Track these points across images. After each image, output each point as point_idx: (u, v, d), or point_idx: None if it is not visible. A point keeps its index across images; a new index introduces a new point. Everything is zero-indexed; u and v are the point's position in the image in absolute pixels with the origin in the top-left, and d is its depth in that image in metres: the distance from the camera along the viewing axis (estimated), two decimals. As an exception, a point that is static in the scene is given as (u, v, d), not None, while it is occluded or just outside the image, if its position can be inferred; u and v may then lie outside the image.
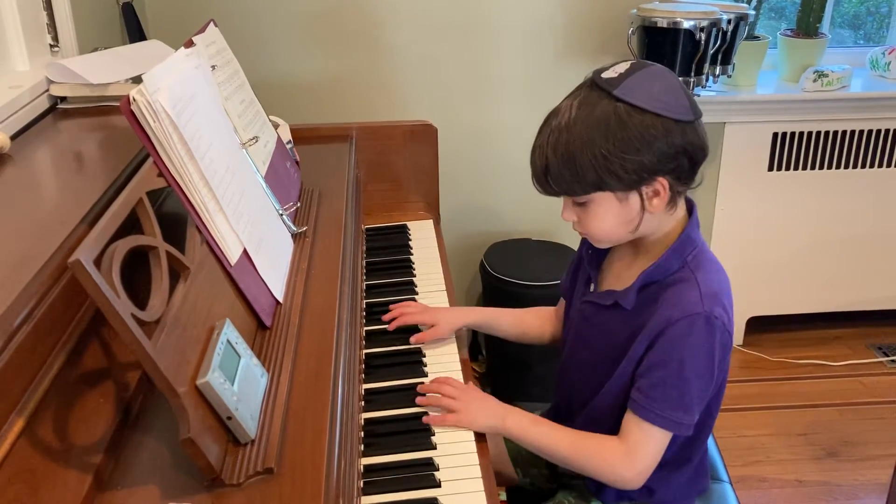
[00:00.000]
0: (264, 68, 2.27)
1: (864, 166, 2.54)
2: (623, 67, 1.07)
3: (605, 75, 1.06)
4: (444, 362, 1.35)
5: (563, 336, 1.32)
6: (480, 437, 1.18)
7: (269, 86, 2.19)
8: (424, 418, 1.19)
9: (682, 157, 1.05)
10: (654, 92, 1.04)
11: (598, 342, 1.19)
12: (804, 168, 2.53)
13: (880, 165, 2.54)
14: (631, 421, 1.12)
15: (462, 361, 1.36)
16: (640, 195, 1.07)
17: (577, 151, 1.04)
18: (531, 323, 1.43)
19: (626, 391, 1.14)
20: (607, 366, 1.16)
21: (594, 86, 1.06)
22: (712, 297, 1.07)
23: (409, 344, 1.37)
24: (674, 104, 1.04)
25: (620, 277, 1.18)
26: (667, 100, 1.04)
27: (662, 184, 1.06)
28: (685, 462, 1.23)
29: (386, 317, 1.41)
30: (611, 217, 1.09)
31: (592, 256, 1.24)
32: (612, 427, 1.16)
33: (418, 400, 1.23)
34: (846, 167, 2.53)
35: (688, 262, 1.11)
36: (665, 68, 1.09)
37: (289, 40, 2.30)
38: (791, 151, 2.50)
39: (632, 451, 1.12)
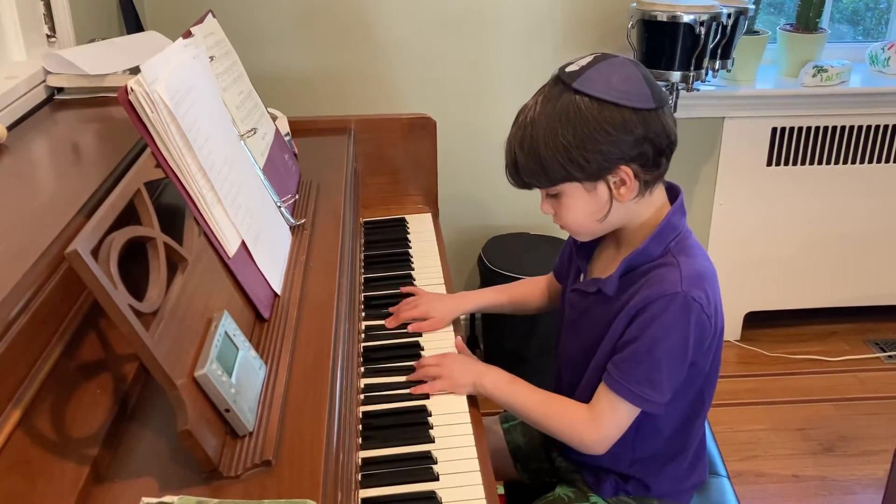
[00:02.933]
0: (262, 61, 2.26)
1: (862, 162, 2.54)
2: (585, 60, 1.09)
3: (567, 69, 1.10)
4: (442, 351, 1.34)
5: (556, 325, 1.34)
6: (479, 430, 1.18)
7: (267, 78, 2.18)
8: (412, 388, 1.24)
9: (644, 145, 1.07)
10: (613, 82, 1.06)
11: (585, 327, 1.22)
12: (803, 163, 2.52)
13: (879, 161, 2.54)
14: (601, 390, 1.15)
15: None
16: (607, 184, 1.09)
17: (541, 145, 1.07)
18: (526, 296, 1.48)
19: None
20: (593, 349, 1.19)
21: (557, 80, 1.10)
22: (693, 280, 1.09)
23: (407, 338, 1.37)
24: (633, 93, 1.06)
25: (607, 267, 1.20)
26: (626, 89, 1.05)
27: (627, 172, 1.08)
28: (679, 452, 1.24)
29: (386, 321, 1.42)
30: (582, 207, 1.12)
31: (581, 249, 1.26)
32: None
33: (409, 379, 1.26)
34: (845, 163, 2.53)
35: (670, 249, 1.13)
36: (628, 59, 1.11)
37: (287, 33, 2.29)
38: (790, 147, 2.50)
39: (597, 419, 1.15)
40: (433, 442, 1.15)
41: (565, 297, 1.30)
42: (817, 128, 2.48)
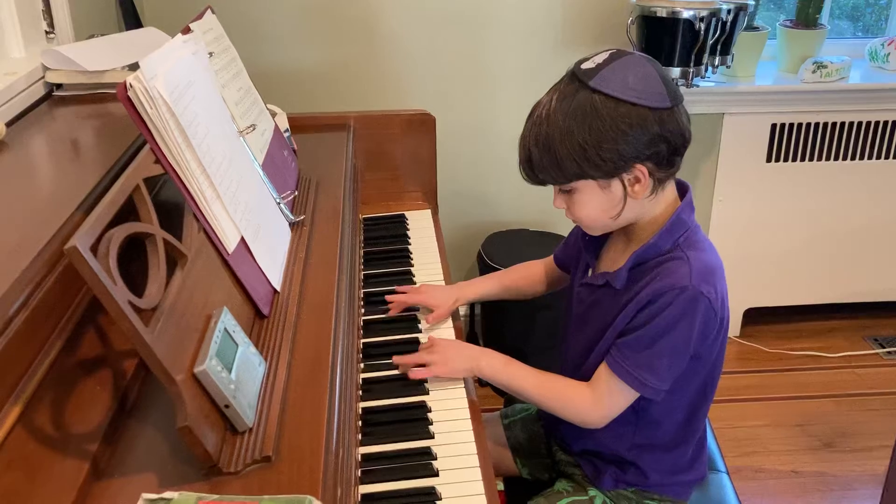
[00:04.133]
0: (261, 57, 2.25)
1: (862, 158, 2.53)
2: (601, 58, 1.09)
3: (583, 66, 1.09)
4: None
5: (562, 321, 1.34)
6: (478, 426, 1.18)
7: (266, 75, 2.17)
8: (410, 373, 1.24)
9: (659, 143, 1.07)
10: (630, 81, 1.06)
11: (593, 320, 1.23)
12: (802, 159, 2.52)
13: (878, 157, 2.54)
14: (602, 371, 1.17)
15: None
16: (622, 182, 1.10)
17: (557, 143, 1.07)
18: (523, 281, 1.50)
19: None
20: (599, 339, 1.20)
21: (573, 77, 1.09)
22: (702, 274, 1.10)
23: (407, 333, 1.37)
24: (650, 92, 1.06)
25: (616, 261, 1.21)
26: (642, 88, 1.06)
27: (642, 171, 1.08)
28: (680, 444, 1.25)
29: (388, 306, 1.43)
30: (595, 203, 1.12)
31: (589, 244, 1.27)
32: None
33: (395, 360, 1.27)
34: (845, 159, 2.53)
35: (680, 244, 1.13)
36: (644, 56, 1.11)
37: (286, 29, 2.29)
38: (789, 143, 2.50)
39: (598, 400, 1.17)
40: (433, 438, 1.15)
41: (573, 292, 1.30)
42: (817, 124, 2.48)
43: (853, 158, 2.53)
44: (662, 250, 1.14)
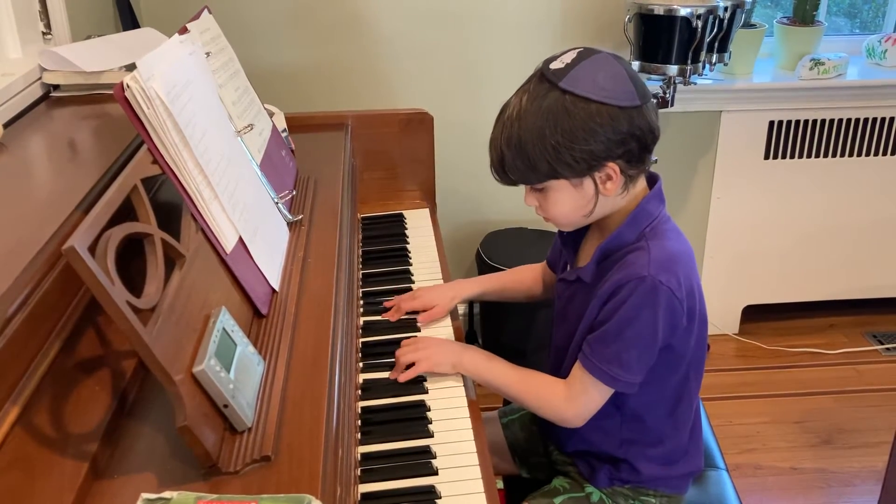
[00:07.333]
0: (258, 57, 2.25)
1: (860, 154, 2.54)
2: (570, 57, 1.10)
3: (552, 66, 1.10)
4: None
5: (551, 317, 1.35)
6: (478, 424, 1.18)
7: (263, 75, 2.17)
8: (399, 378, 1.24)
9: (630, 142, 1.09)
10: (599, 81, 1.07)
11: (570, 315, 1.24)
12: (800, 156, 2.53)
13: (876, 153, 2.54)
14: (576, 368, 1.18)
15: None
16: (594, 180, 1.11)
17: (529, 144, 1.09)
18: (521, 282, 1.50)
19: None
20: (575, 335, 1.21)
21: (542, 77, 1.10)
22: (661, 264, 1.10)
23: (405, 333, 1.37)
24: (619, 91, 1.07)
25: (589, 256, 1.22)
26: (612, 87, 1.07)
27: (613, 169, 1.10)
28: (669, 437, 1.24)
29: (387, 314, 1.42)
30: (568, 201, 1.14)
31: (568, 240, 1.28)
32: None
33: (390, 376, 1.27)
34: (842, 155, 2.53)
35: (645, 234, 1.14)
36: (612, 55, 1.12)
37: (282, 29, 2.28)
38: (787, 140, 2.50)
39: (572, 397, 1.18)
40: (432, 437, 1.15)
41: (555, 289, 1.31)
42: (814, 121, 2.48)
43: (851, 155, 2.53)
44: (627, 242, 1.15)
